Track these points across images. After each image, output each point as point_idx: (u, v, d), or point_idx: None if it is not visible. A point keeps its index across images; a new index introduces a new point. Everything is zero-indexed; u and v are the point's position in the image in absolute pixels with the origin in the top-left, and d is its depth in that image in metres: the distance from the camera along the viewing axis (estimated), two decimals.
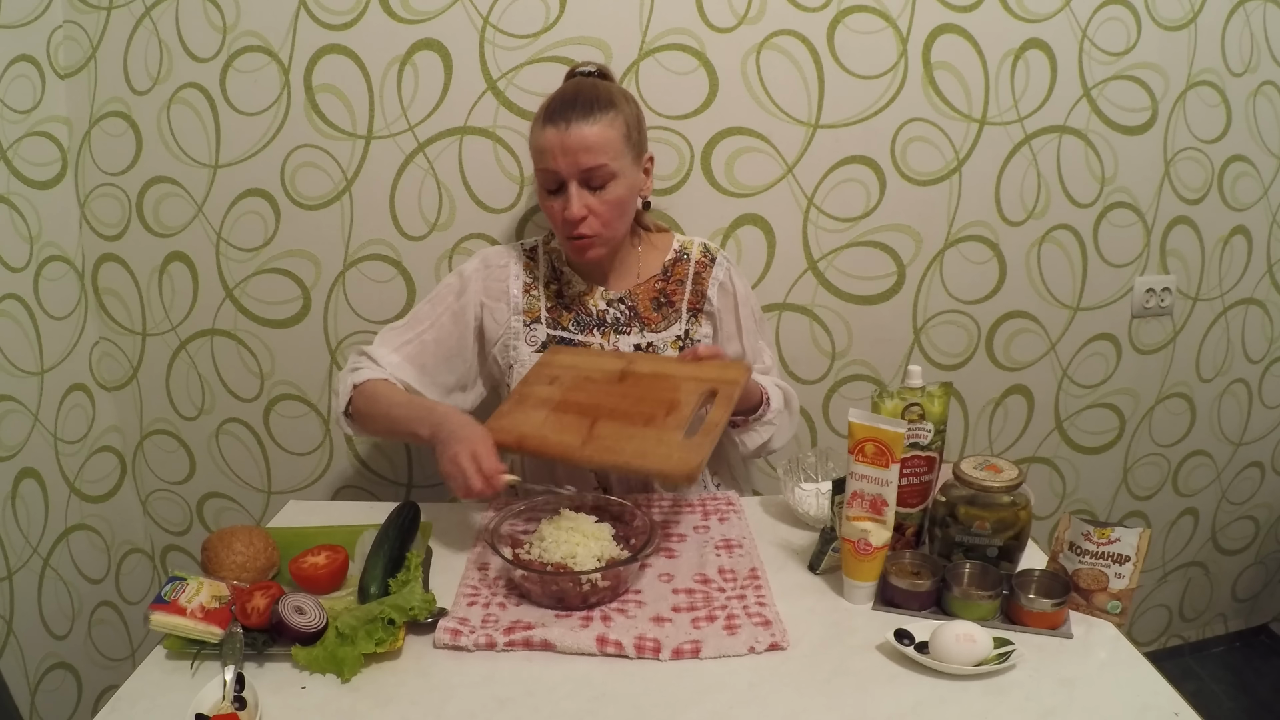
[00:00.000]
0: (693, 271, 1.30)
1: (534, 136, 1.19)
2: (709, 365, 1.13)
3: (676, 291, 1.29)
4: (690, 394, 1.08)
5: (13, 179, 1.38)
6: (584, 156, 1.14)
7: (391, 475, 1.69)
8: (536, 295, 1.29)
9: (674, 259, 1.31)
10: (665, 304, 1.29)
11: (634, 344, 1.27)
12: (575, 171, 1.15)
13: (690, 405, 1.06)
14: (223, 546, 1.01)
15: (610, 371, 1.14)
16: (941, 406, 1.03)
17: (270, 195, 1.50)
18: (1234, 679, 1.94)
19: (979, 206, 1.57)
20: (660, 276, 1.30)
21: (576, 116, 1.14)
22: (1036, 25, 1.48)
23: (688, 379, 1.11)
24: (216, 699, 0.81)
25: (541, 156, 1.17)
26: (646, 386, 1.11)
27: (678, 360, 1.17)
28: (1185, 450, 1.83)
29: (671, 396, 1.08)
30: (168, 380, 1.62)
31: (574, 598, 0.96)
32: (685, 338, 1.28)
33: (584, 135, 1.14)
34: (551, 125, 1.15)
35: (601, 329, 1.27)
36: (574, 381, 1.12)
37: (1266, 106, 1.60)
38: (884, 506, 0.98)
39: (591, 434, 1.06)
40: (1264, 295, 1.74)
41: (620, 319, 1.28)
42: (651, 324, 1.28)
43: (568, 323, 1.28)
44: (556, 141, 1.14)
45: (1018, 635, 0.90)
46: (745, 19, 1.43)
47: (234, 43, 1.42)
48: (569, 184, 1.16)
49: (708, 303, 1.29)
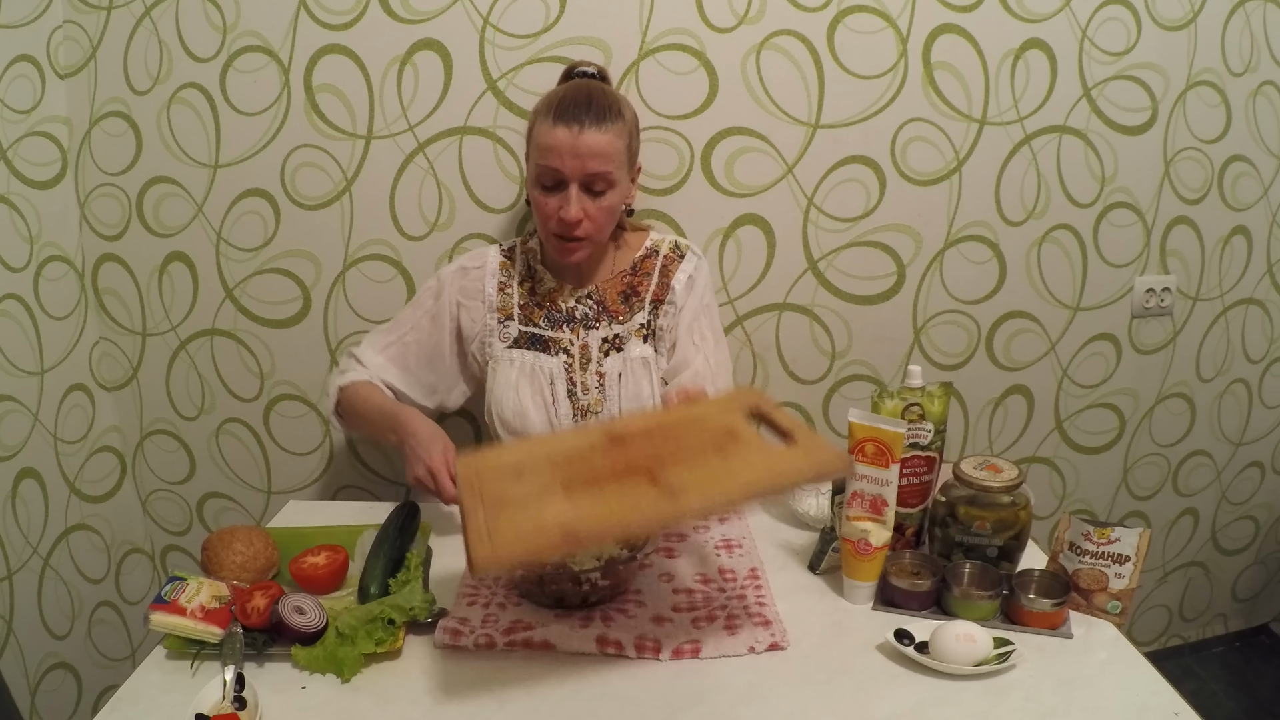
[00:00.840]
0: (660, 265, 1.32)
1: (540, 132, 1.18)
2: (719, 399, 0.99)
3: (643, 284, 1.31)
4: (729, 417, 0.88)
5: (13, 179, 1.38)
6: (592, 162, 1.15)
7: (391, 475, 1.69)
8: (510, 293, 1.31)
9: (644, 255, 1.33)
10: (631, 295, 1.31)
11: (602, 337, 1.29)
12: (580, 175, 1.16)
13: (746, 427, 0.87)
14: (223, 546, 1.01)
15: (591, 443, 0.88)
16: (941, 406, 1.03)
17: (270, 195, 1.50)
18: (1234, 679, 1.94)
19: (979, 206, 1.57)
20: (629, 271, 1.32)
21: (590, 122, 1.14)
22: (1036, 25, 1.48)
23: (705, 415, 0.92)
24: (216, 699, 0.81)
25: (546, 154, 1.16)
26: (662, 437, 0.88)
27: (665, 409, 1.03)
28: (1185, 450, 1.83)
29: (711, 431, 0.87)
30: (168, 380, 1.62)
31: (574, 597, 0.96)
32: (648, 328, 1.30)
33: (596, 142, 1.14)
34: (563, 125, 1.14)
35: (570, 324, 1.29)
36: (554, 465, 0.83)
37: (1266, 106, 1.60)
38: (884, 506, 0.98)
39: (665, 485, 0.81)
40: (1264, 295, 1.74)
41: (589, 314, 1.30)
42: (619, 316, 1.30)
43: (539, 319, 1.30)
44: (567, 142, 1.14)
45: (1018, 635, 0.90)
46: (745, 19, 1.43)
47: (234, 43, 1.42)
48: (570, 185, 1.16)
49: (671, 293, 1.30)
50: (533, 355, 1.29)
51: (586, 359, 1.28)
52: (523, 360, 1.29)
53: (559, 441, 0.91)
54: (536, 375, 1.28)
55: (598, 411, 1.28)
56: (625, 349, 1.29)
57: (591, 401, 1.28)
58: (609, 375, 1.28)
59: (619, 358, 1.28)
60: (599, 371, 1.28)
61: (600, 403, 1.28)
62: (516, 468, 0.84)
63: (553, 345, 1.29)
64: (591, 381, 1.28)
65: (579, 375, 1.28)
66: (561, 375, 1.28)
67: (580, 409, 1.28)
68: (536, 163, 1.19)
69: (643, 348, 1.29)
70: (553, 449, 0.89)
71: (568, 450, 0.88)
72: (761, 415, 0.88)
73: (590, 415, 1.28)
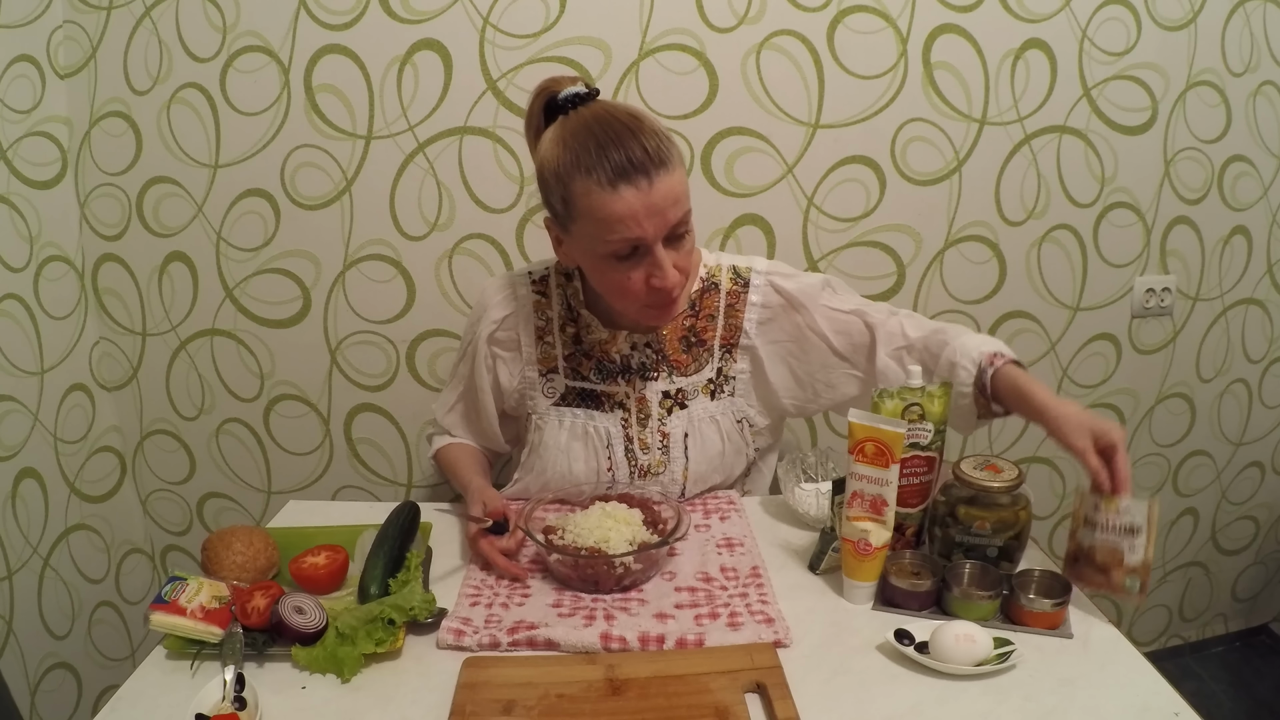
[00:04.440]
0: (724, 304, 1.16)
1: (596, 203, 0.95)
2: (732, 652, 0.88)
3: (708, 329, 1.16)
4: (728, 695, 0.81)
5: (13, 179, 1.38)
6: (673, 211, 0.97)
7: (391, 475, 1.69)
8: (552, 342, 1.17)
9: (701, 289, 1.17)
10: (696, 344, 1.16)
11: (662, 390, 1.16)
12: (665, 231, 0.97)
13: (740, 712, 0.80)
14: (223, 546, 1.01)
15: (590, 681, 0.84)
16: (941, 406, 1.03)
17: (270, 195, 1.50)
18: (1234, 679, 1.94)
19: (979, 206, 1.57)
20: (689, 313, 1.16)
21: (655, 168, 0.94)
22: (1036, 25, 1.48)
23: (711, 674, 0.85)
24: (216, 699, 0.81)
25: (618, 226, 0.95)
26: (658, 694, 0.82)
27: (677, 651, 0.89)
28: (1185, 450, 1.83)
29: (703, 707, 0.80)
30: (168, 380, 1.62)
31: (608, 580, 0.99)
32: (718, 377, 1.17)
33: (670, 186, 0.96)
34: (629, 185, 0.94)
35: (626, 376, 1.15)
36: (545, 710, 0.81)
37: (1266, 106, 1.60)
38: (884, 506, 0.98)
39: None
40: (1264, 295, 1.74)
41: (646, 364, 1.16)
42: (681, 367, 1.16)
43: (588, 371, 1.16)
44: (640, 204, 0.94)
45: (1018, 635, 0.90)
46: (745, 19, 1.43)
47: (234, 43, 1.42)
48: (654, 248, 0.98)
49: (744, 335, 1.17)
50: (585, 414, 1.16)
51: (645, 414, 1.16)
52: (574, 420, 1.16)
53: (561, 670, 0.86)
54: (591, 438, 1.16)
55: (659, 473, 1.17)
56: (690, 406, 1.17)
57: (653, 462, 1.17)
58: (673, 436, 1.16)
59: (683, 415, 1.16)
60: (662, 431, 1.16)
61: (663, 464, 1.17)
62: (508, 704, 0.81)
63: (606, 401, 1.16)
64: (653, 440, 1.16)
65: (636, 431, 1.16)
66: (619, 434, 1.16)
67: (640, 469, 1.17)
68: (604, 239, 0.97)
69: (711, 404, 1.18)
70: (553, 679, 0.85)
71: (564, 684, 0.84)
72: (762, 690, 0.83)
73: (651, 476, 1.17)
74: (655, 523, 1.07)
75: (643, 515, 1.07)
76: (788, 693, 0.81)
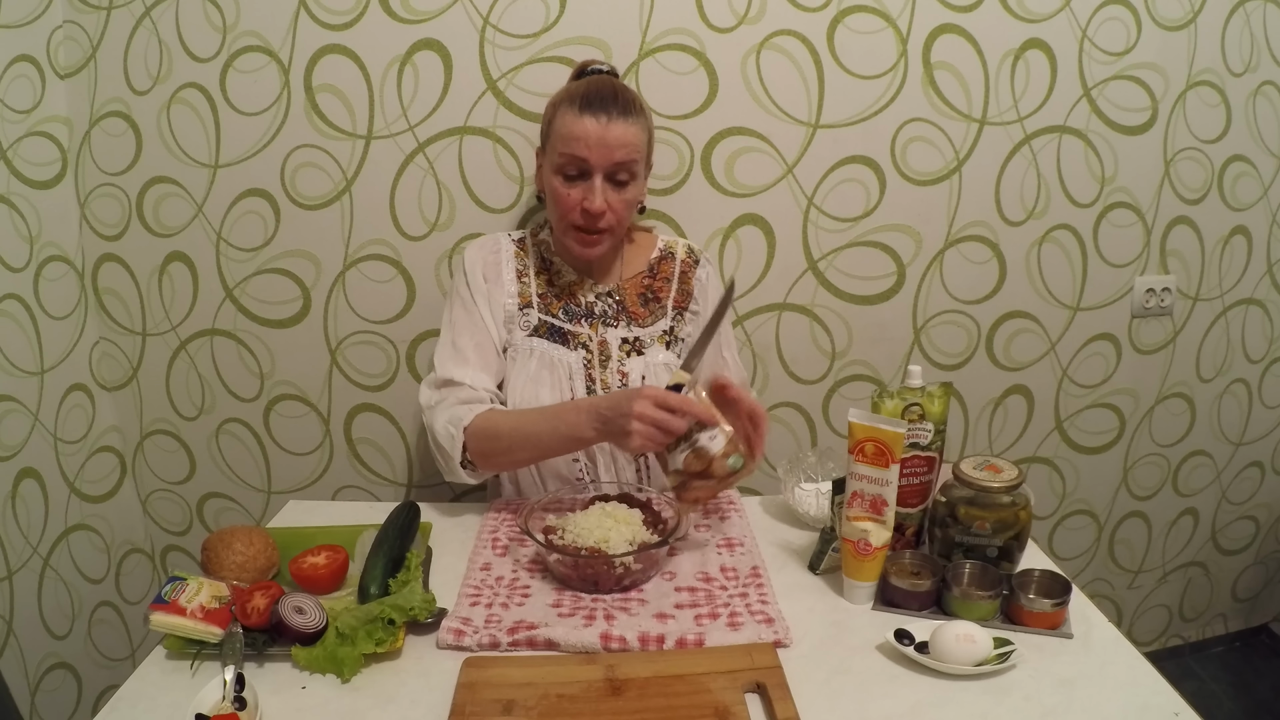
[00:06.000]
0: (679, 270, 1.33)
1: (564, 122, 1.16)
2: (732, 652, 0.88)
3: (663, 289, 1.32)
4: (729, 694, 0.82)
5: (13, 179, 1.38)
6: (619, 152, 1.16)
7: (391, 475, 1.69)
8: (528, 281, 1.30)
9: (659, 257, 1.34)
10: (652, 299, 1.31)
11: (621, 337, 1.28)
12: (606, 164, 1.16)
13: (740, 711, 0.80)
14: (223, 546, 1.01)
15: (590, 681, 0.85)
16: (941, 406, 1.03)
17: (270, 195, 1.50)
18: (1234, 679, 1.94)
19: (979, 206, 1.57)
20: (646, 273, 1.32)
21: (617, 113, 1.15)
22: (1036, 25, 1.48)
23: (711, 674, 0.85)
24: (216, 699, 0.81)
25: (572, 143, 1.15)
26: (659, 694, 0.83)
27: (677, 651, 0.90)
28: (1185, 450, 1.83)
29: (704, 707, 0.81)
30: (168, 380, 1.62)
31: (608, 580, 1.00)
32: (670, 334, 1.30)
33: (624, 132, 1.15)
34: (591, 115, 1.14)
35: (590, 320, 1.28)
36: (544, 710, 0.81)
37: (1266, 106, 1.60)
38: (884, 506, 0.98)
39: None
40: (1264, 295, 1.74)
41: (609, 311, 1.29)
42: (639, 319, 1.30)
43: (558, 310, 1.28)
44: (595, 132, 1.14)
45: (1018, 635, 0.90)
46: (745, 19, 1.43)
47: (234, 43, 1.42)
48: (594, 176, 1.16)
49: (693, 301, 1.32)
50: (551, 346, 1.26)
51: (606, 356, 1.27)
52: (542, 351, 1.26)
53: (561, 670, 0.86)
54: (556, 368, 1.25)
55: None
56: (647, 353, 1.28)
57: None
58: (631, 376, 1.26)
59: (640, 360, 1.27)
60: (621, 370, 1.26)
61: None
62: (508, 704, 0.81)
63: (571, 339, 1.27)
64: (612, 380, 1.26)
65: (598, 372, 1.26)
66: (580, 371, 1.25)
67: None
68: (560, 152, 1.17)
69: (665, 354, 1.29)
70: (553, 680, 0.85)
71: (564, 684, 0.84)
72: (762, 690, 0.82)
73: None
74: (655, 523, 1.08)
75: (643, 515, 1.08)
76: (788, 693, 0.81)
